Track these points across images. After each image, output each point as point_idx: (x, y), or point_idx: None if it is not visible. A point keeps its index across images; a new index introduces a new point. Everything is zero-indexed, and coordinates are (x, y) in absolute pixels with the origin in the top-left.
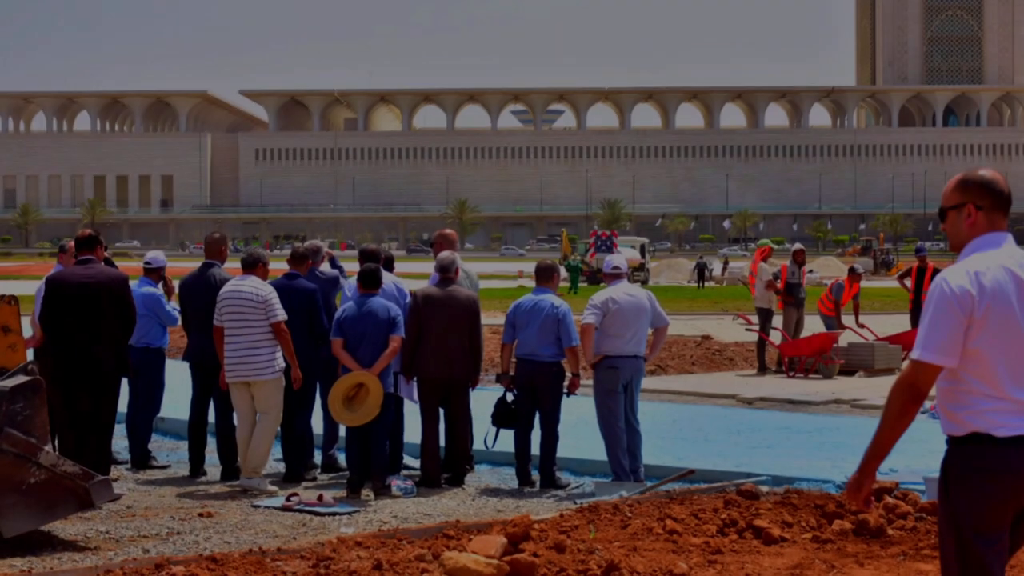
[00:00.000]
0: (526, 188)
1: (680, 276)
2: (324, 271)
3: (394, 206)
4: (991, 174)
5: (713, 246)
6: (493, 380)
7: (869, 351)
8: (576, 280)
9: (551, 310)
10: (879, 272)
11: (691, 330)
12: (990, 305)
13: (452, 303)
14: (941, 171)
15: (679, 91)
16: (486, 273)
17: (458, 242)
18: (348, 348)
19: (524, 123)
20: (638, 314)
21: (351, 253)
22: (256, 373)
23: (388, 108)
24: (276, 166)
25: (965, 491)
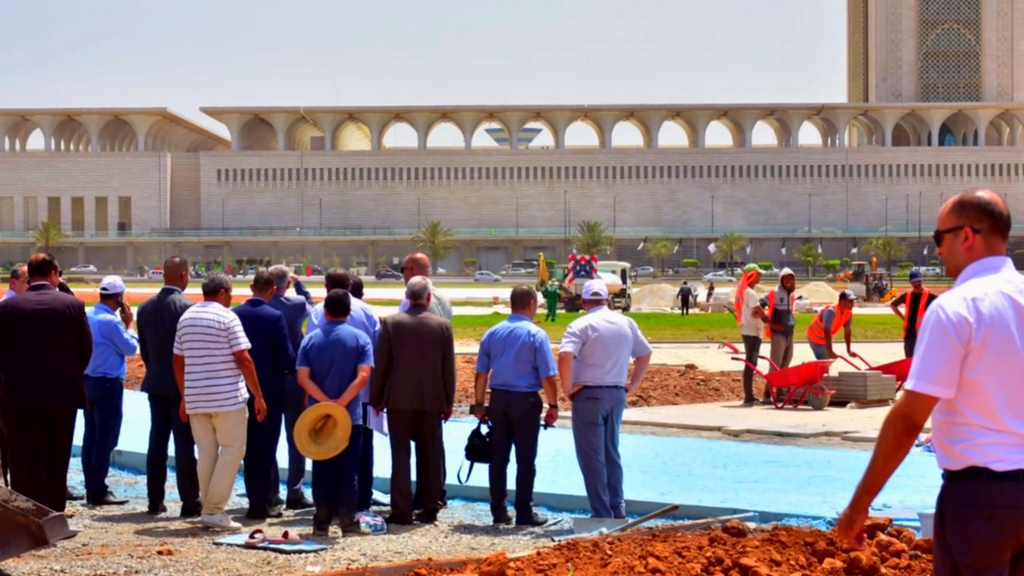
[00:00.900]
0: (501, 210)
1: (663, 302)
2: (289, 297)
3: (363, 229)
4: (989, 195)
5: (698, 271)
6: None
7: (861, 381)
8: (554, 307)
9: (527, 338)
10: (871, 298)
11: (675, 359)
12: (988, 333)
13: (424, 331)
14: (937, 192)
15: (662, 108)
16: (459, 299)
17: (430, 267)
18: (315, 378)
19: (499, 142)
20: (619, 342)
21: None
22: (218, 404)
23: (356, 126)
24: (239, 187)
25: (962, 528)
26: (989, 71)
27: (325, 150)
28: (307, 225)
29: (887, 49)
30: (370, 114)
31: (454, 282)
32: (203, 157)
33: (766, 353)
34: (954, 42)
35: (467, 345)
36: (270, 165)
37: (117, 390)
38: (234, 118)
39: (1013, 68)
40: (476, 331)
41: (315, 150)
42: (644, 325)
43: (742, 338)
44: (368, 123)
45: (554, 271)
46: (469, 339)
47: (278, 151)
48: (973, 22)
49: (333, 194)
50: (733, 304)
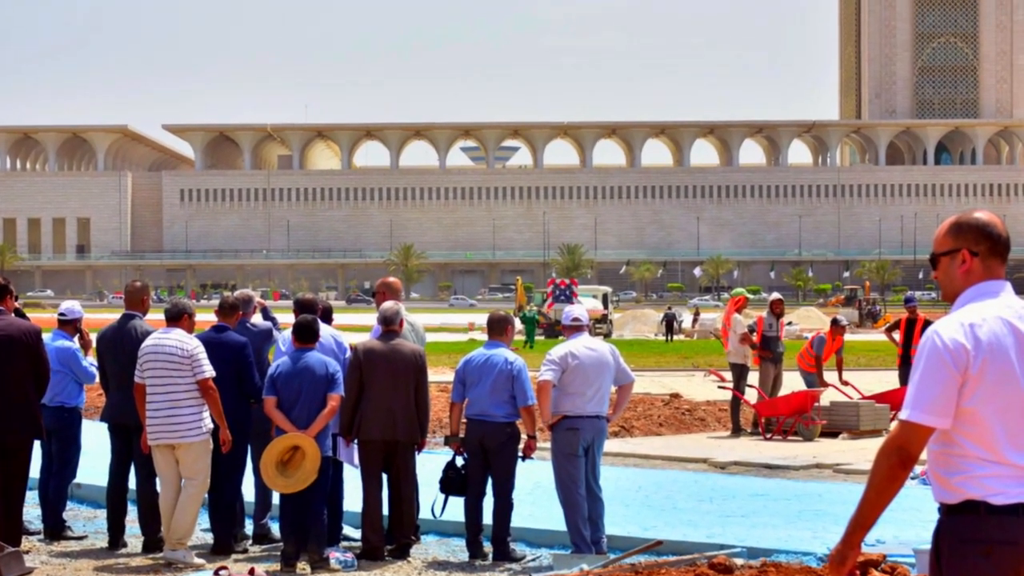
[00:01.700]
0: (477, 232)
1: (646, 328)
2: (256, 323)
3: (332, 252)
4: (987, 217)
5: (683, 296)
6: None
7: (854, 411)
8: (532, 333)
9: (504, 366)
10: (864, 324)
11: (659, 388)
12: (987, 360)
13: (396, 358)
14: (933, 213)
15: (645, 125)
16: (433, 325)
17: (402, 291)
18: (282, 407)
19: (475, 161)
20: (600, 370)
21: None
22: (181, 435)
23: (326, 144)
24: (203, 208)
25: (959, 565)
26: (987, 87)
27: (293, 169)
28: (274, 247)
29: (880, 64)
30: (340, 131)
31: (428, 307)
32: (165, 176)
33: (754, 381)
34: (951, 56)
35: (441, 373)
36: (235, 185)
37: (75, 420)
38: (198, 136)
39: (1012, 83)
40: (451, 358)
41: (282, 169)
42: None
43: (729, 366)
44: (338, 141)
45: (532, 296)
46: (444, 367)
47: (244, 170)
48: (971, 35)
49: (301, 215)
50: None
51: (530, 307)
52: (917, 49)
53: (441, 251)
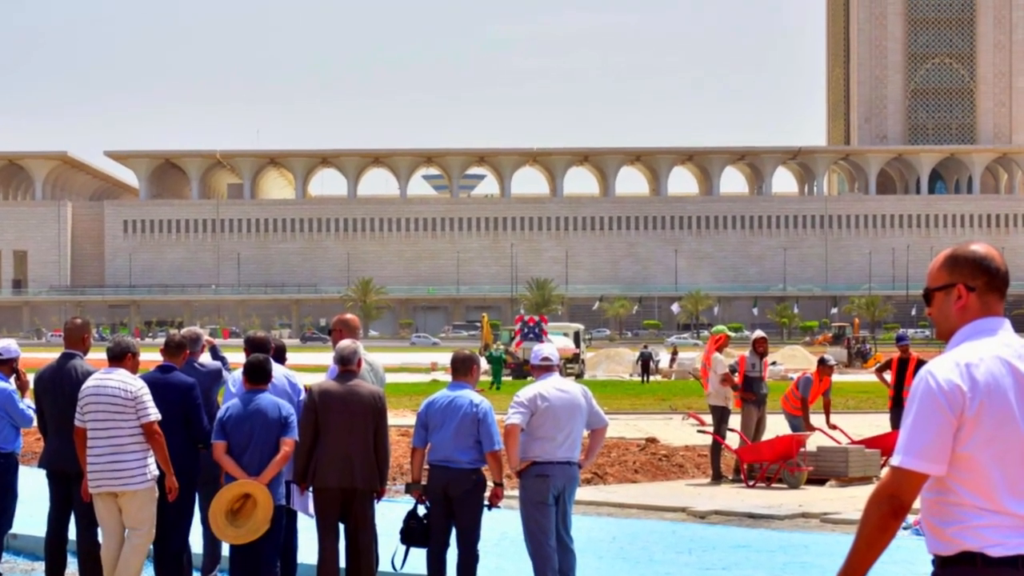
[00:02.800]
0: (440, 266)
1: (621, 368)
2: (204, 363)
3: (286, 287)
4: (985, 249)
5: (659, 333)
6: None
7: (842, 456)
8: (499, 373)
9: (469, 409)
10: (854, 364)
11: (634, 432)
12: (984, 403)
13: (353, 400)
14: (926, 246)
15: (620, 152)
16: (393, 365)
17: (361, 329)
18: (232, 453)
19: (438, 190)
20: (571, 413)
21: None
22: (124, 482)
23: (279, 172)
24: (148, 240)
25: None
26: (985, 110)
27: (244, 199)
28: (224, 282)
29: (871, 86)
30: (294, 158)
31: (388, 346)
32: (108, 206)
33: (736, 425)
34: (946, 78)
35: (402, 416)
36: (182, 215)
37: (12, 466)
38: (142, 163)
39: (1011, 107)
40: (412, 400)
41: (232, 199)
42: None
43: (709, 408)
44: (292, 168)
45: (499, 334)
46: (404, 409)
47: (191, 200)
48: (967, 56)
49: (253, 247)
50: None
51: (497, 346)
52: (910, 70)
53: (402, 286)
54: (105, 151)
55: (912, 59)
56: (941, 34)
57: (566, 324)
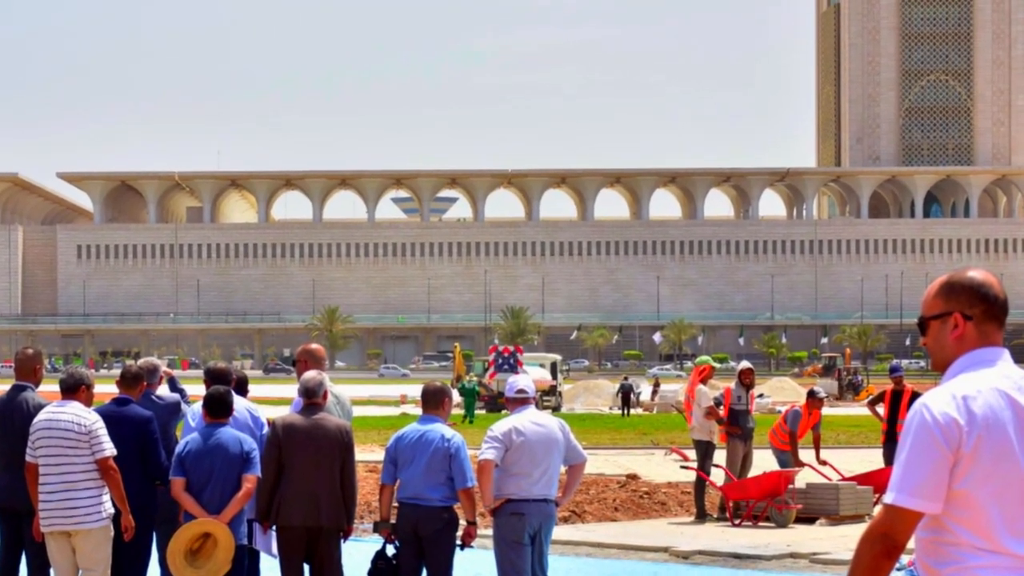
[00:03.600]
0: (410, 293)
1: (600, 401)
2: (162, 395)
3: (248, 315)
4: (982, 276)
5: (641, 364)
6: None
7: (833, 494)
8: (472, 406)
9: (441, 443)
10: (845, 397)
11: (614, 467)
12: (981, 437)
13: (319, 435)
14: (921, 272)
15: (599, 174)
16: (361, 398)
17: (326, 360)
18: (192, 490)
19: (408, 213)
20: (548, 448)
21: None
22: (78, 521)
23: (240, 195)
24: (103, 266)
25: None
26: (983, 130)
27: (203, 222)
28: (182, 310)
29: (863, 104)
30: (256, 180)
31: (355, 377)
32: (61, 231)
33: (721, 460)
34: (942, 96)
35: (370, 451)
36: (139, 240)
37: None
38: (97, 185)
39: (1010, 126)
40: (381, 435)
41: (192, 223)
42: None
43: (693, 443)
44: (254, 191)
45: (472, 365)
46: (373, 444)
47: (148, 224)
48: (964, 72)
49: (213, 274)
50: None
51: (470, 378)
52: (904, 88)
53: (370, 314)
54: (58, 172)
55: (906, 76)
56: (937, 50)
57: (542, 355)
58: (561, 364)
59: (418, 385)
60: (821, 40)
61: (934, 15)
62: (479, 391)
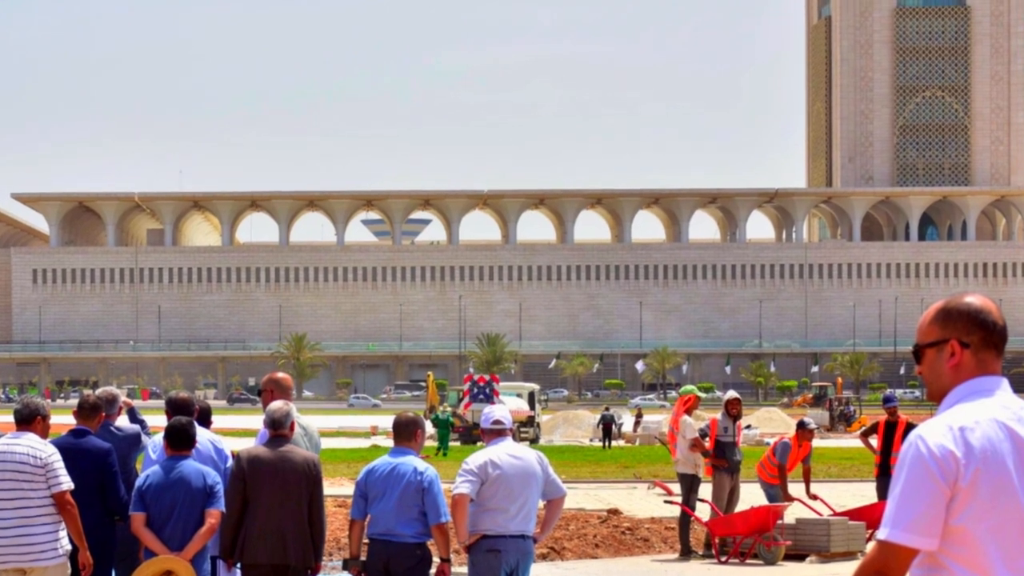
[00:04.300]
0: (381, 320)
1: (580, 433)
2: (122, 427)
3: (211, 343)
4: (980, 302)
5: (623, 394)
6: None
7: (824, 529)
8: (446, 438)
9: (413, 477)
10: (836, 428)
11: (594, 502)
12: (979, 470)
13: (286, 468)
14: (916, 298)
15: (578, 194)
16: (330, 429)
17: (293, 389)
18: (152, 525)
19: (379, 236)
20: (526, 481)
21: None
22: (34, 558)
23: (203, 217)
24: (59, 291)
25: None
26: (981, 149)
27: (165, 246)
28: (143, 338)
29: (855, 122)
30: (220, 202)
31: (324, 408)
32: (15, 254)
33: (707, 495)
34: (938, 113)
35: (339, 485)
36: (97, 264)
37: None
38: (53, 207)
39: (1010, 145)
40: (351, 468)
41: (152, 246)
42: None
43: (677, 477)
44: (218, 213)
45: (446, 394)
46: (342, 478)
47: (107, 247)
48: (961, 88)
49: (175, 300)
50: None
51: (443, 408)
52: (898, 105)
53: (339, 342)
54: (12, 193)
55: (901, 92)
56: (932, 65)
57: (520, 384)
58: (539, 394)
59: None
60: (811, 54)
61: (930, 28)
62: (453, 422)
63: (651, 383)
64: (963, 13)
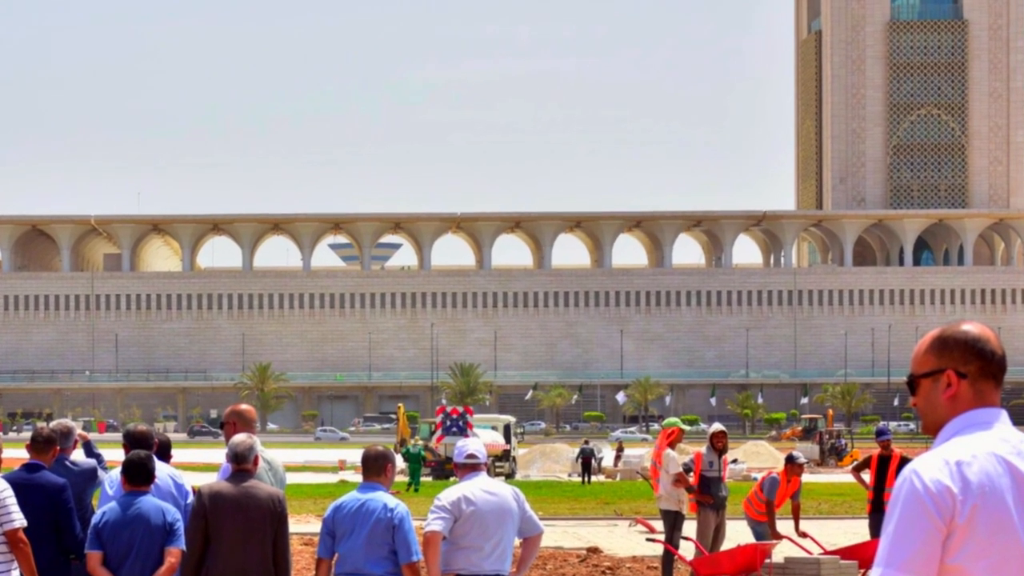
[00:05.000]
0: (350, 349)
1: (558, 467)
2: (77, 461)
3: (171, 373)
4: (978, 330)
5: (603, 427)
6: None
7: (814, 568)
8: (417, 473)
9: (383, 513)
10: (827, 462)
11: (573, 540)
12: (977, 507)
13: (249, 503)
14: (911, 326)
15: (556, 217)
16: (295, 464)
17: (257, 422)
18: (109, 564)
19: (347, 261)
20: (501, 518)
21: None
22: None
23: (163, 240)
24: (11, 319)
25: None
26: (978, 169)
27: (122, 271)
28: (99, 368)
29: (847, 141)
30: (180, 225)
31: (289, 441)
32: None
33: (691, 532)
34: (933, 132)
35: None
36: (51, 290)
37: None
38: (5, 230)
39: (1009, 165)
40: (317, 504)
41: (109, 271)
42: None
43: (660, 513)
44: (178, 236)
45: (418, 427)
46: (308, 514)
47: (62, 272)
48: (958, 106)
49: (133, 328)
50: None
51: (415, 441)
52: (892, 123)
53: (305, 372)
54: None
55: (894, 110)
56: (928, 81)
57: (495, 416)
58: (515, 426)
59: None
60: (801, 70)
61: (925, 43)
62: (425, 456)
63: (633, 415)
64: (960, 27)
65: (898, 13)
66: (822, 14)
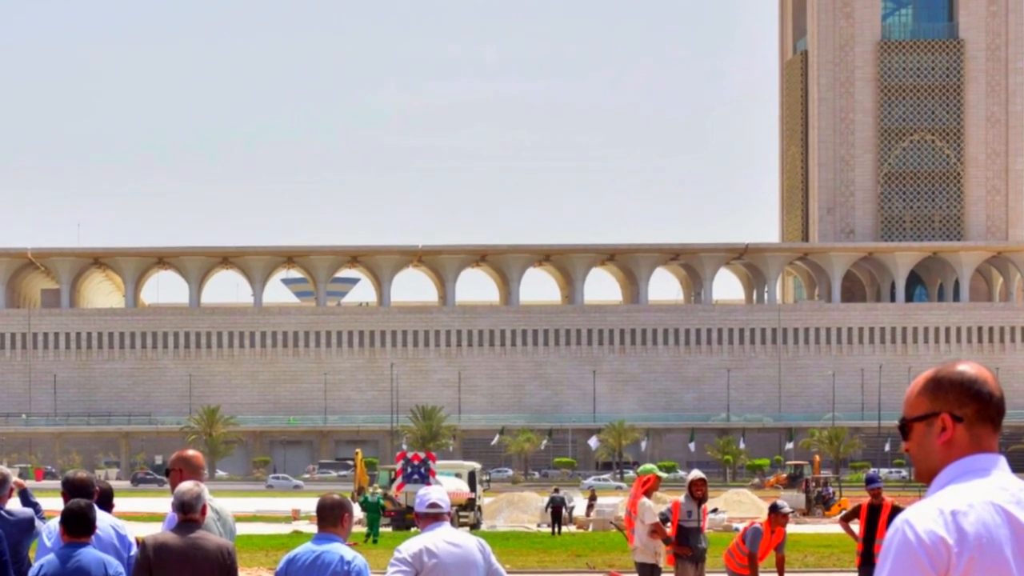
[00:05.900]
0: (304, 391)
1: (527, 517)
2: (12, 510)
3: (113, 417)
4: (975, 371)
5: (574, 474)
6: None
7: None
8: (376, 523)
9: (340, 566)
10: (814, 512)
11: None
12: (974, 559)
13: (197, 556)
14: (903, 366)
15: (525, 250)
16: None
17: (205, 468)
18: None
19: (301, 297)
20: (465, 571)
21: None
22: None
23: (105, 275)
24: None
25: None
26: (975, 199)
27: (61, 308)
28: (36, 410)
29: (835, 169)
30: (123, 259)
31: (239, 489)
32: None
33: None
34: (927, 159)
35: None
36: None
37: None
38: None
39: (1007, 195)
40: (269, 556)
41: (47, 308)
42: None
43: (635, 566)
44: (120, 271)
45: (377, 474)
46: (260, 567)
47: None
48: (953, 132)
49: (72, 368)
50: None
51: (373, 489)
52: (883, 150)
53: (256, 415)
54: None
55: (885, 136)
56: (921, 105)
57: (459, 463)
58: (481, 473)
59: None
60: (785, 93)
61: (918, 64)
62: (384, 505)
63: (606, 462)
64: (956, 47)
65: (889, 32)
66: (808, 33)
